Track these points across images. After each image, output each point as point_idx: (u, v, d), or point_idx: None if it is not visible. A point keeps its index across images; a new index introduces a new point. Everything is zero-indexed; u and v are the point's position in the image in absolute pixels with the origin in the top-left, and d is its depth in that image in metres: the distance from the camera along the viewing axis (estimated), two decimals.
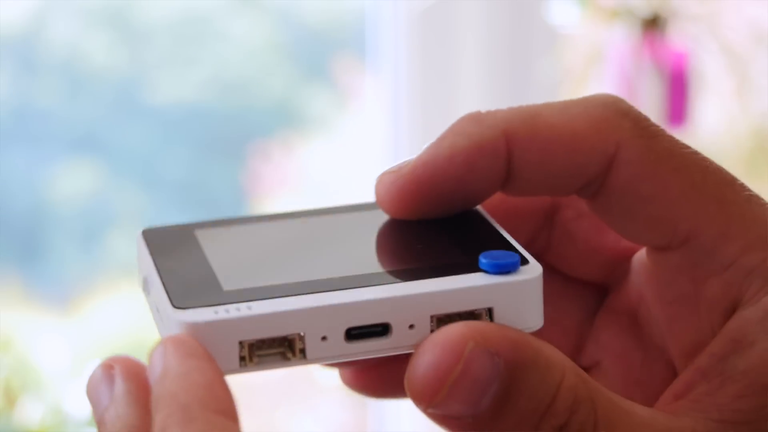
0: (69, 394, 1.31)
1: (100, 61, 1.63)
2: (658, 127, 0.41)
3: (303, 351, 0.36)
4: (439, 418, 0.38)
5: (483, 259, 0.38)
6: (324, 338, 0.36)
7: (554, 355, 0.38)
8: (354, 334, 0.36)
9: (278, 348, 0.37)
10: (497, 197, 0.43)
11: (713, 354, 0.39)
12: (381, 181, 0.42)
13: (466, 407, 0.37)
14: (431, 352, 0.37)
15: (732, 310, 0.40)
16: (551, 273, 0.44)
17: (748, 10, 1.55)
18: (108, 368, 0.38)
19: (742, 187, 0.40)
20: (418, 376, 0.37)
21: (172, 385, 0.36)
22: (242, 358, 0.36)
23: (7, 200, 1.58)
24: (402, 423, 1.46)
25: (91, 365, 0.39)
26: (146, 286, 0.41)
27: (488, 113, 0.41)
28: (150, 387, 0.37)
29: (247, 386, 1.55)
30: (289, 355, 0.36)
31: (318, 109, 1.72)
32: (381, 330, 0.37)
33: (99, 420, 0.38)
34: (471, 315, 0.37)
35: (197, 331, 0.36)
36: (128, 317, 1.61)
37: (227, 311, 0.36)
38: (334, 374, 0.47)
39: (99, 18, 1.65)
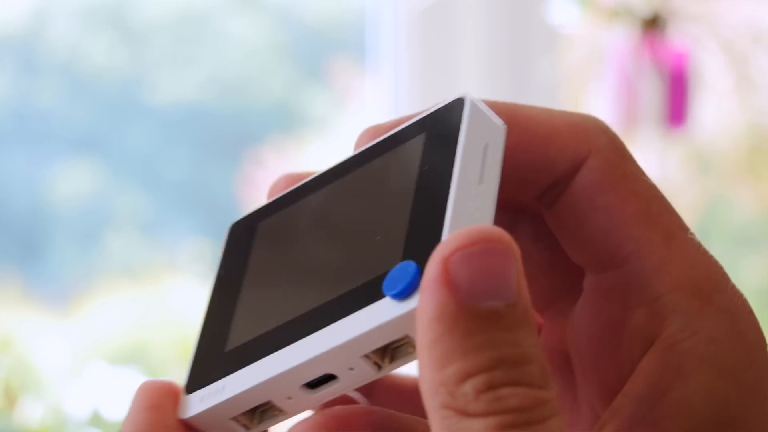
0: (69, 394, 1.31)
1: (100, 62, 1.63)
2: (630, 153, 0.42)
3: (281, 410, 0.39)
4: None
5: (385, 284, 0.37)
6: (289, 398, 0.39)
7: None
8: (312, 384, 0.39)
9: (267, 409, 0.40)
10: None
11: (629, 395, 0.40)
12: (363, 132, 0.44)
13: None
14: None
15: (650, 343, 0.40)
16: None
17: (747, 9, 1.55)
18: None
19: (693, 236, 0.41)
20: (422, 288, 0.35)
21: None
22: (244, 425, 0.40)
23: (7, 200, 1.58)
24: None
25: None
26: None
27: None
28: None
29: None
30: (276, 412, 0.40)
31: (317, 110, 1.72)
32: (331, 376, 0.38)
33: None
34: (395, 343, 0.38)
35: (197, 422, 0.40)
36: (128, 317, 1.61)
37: (210, 393, 0.40)
38: None
39: (99, 18, 1.66)
